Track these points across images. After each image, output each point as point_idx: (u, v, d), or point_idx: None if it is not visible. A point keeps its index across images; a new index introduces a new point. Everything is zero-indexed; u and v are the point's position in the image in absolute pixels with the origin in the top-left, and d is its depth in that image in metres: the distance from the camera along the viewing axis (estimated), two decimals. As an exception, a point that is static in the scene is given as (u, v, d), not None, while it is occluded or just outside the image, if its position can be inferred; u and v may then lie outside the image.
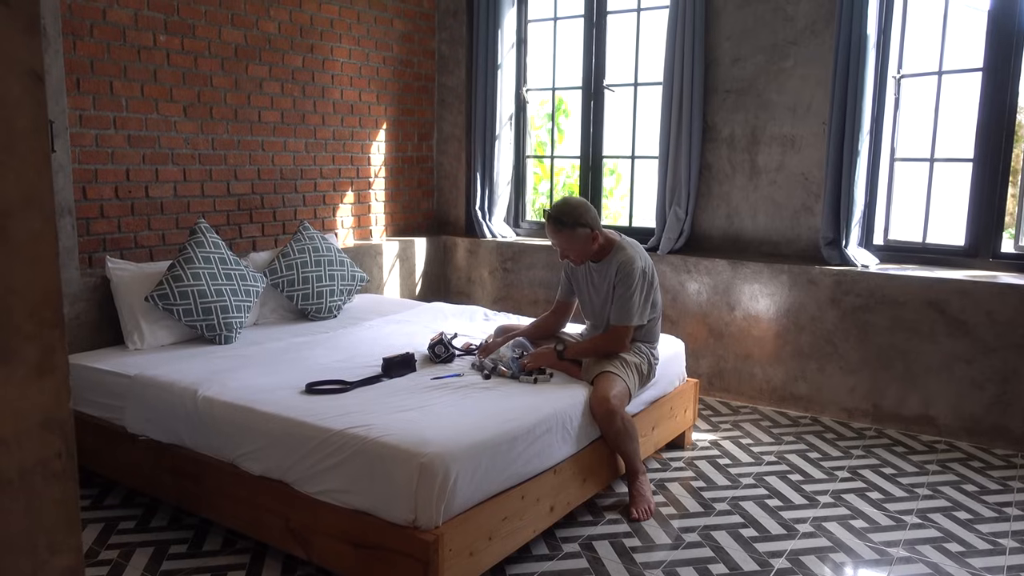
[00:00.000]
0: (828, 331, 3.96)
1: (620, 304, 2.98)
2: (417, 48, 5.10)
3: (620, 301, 2.98)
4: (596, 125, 4.84)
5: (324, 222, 4.58)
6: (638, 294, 2.98)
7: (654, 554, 2.66)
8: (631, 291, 2.96)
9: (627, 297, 2.97)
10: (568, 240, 2.95)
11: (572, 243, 2.96)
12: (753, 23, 4.18)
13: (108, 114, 3.48)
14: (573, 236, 2.94)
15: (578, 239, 2.94)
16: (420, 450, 2.20)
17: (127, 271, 3.40)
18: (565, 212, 2.94)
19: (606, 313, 3.08)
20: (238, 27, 3.97)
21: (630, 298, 2.96)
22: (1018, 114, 3.71)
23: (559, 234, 2.96)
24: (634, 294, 2.97)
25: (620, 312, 2.99)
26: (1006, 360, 3.55)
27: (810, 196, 4.15)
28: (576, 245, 2.96)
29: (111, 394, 2.96)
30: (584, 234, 2.94)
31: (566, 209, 2.95)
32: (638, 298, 2.98)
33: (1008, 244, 3.84)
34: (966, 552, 2.69)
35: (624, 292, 2.97)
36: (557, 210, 2.96)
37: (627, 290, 2.96)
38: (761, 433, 3.81)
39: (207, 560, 2.60)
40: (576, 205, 2.97)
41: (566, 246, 2.98)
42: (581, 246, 2.97)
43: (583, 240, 2.95)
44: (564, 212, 2.94)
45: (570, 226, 2.92)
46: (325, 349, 3.28)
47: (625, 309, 2.97)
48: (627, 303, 2.97)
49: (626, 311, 2.97)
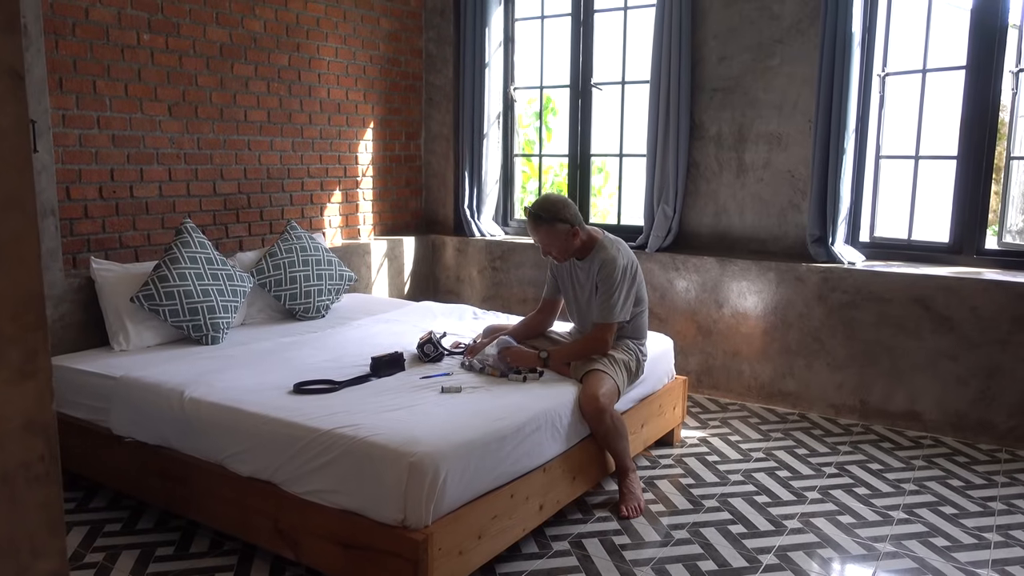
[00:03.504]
0: (815, 328, 3.98)
1: (602, 302, 2.99)
2: (404, 47, 5.08)
3: (602, 299, 2.99)
4: (584, 123, 4.85)
5: (312, 221, 4.56)
6: (619, 291, 2.98)
7: (644, 551, 2.67)
8: (612, 288, 2.97)
9: (608, 295, 2.97)
10: (548, 236, 2.97)
11: (552, 239, 2.97)
12: (739, 22, 4.20)
13: (92, 114, 3.45)
14: (552, 232, 2.95)
15: (558, 235, 2.95)
16: (409, 449, 2.20)
17: (112, 272, 3.37)
18: (544, 208, 2.95)
19: (590, 312, 3.09)
20: (223, 26, 3.94)
21: (611, 295, 2.97)
22: (1001, 112, 3.74)
23: (538, 230, 2.98)
24: (615, 292, 2.97)
25: (602, 310, 2.99)
26: (990, 356, 3.59)
27: (797, 194, 4.17)
28: (556, 241, 2.97)
29: (96, 396, 2.93)
30: (564, 230, 2.95)
31: (545, 205, 2.96)
32: (619, 296, 2.98)
33: (992, 241, 3.88)
34: (952, 546, 2.71)
35: (606, 290, 2.98)
36: (537, 206, 2.98)
37: (608, 288, 2.97)
38: (749, 430, 3.83)
39: (194, 562, 2.58)
40: (555, 201, 2.98)
41: (546, 242, 2.99)
42: (561, 242, 2.98)
43: (563, 236, 2.96)
44: (543, 208, 2.96)
45: (548, 221, 2.94)
46: (313, 349, 3.27)
47: (607, 307, 2.98)
48: (608, 301, 2.97)
49: (608, 308, 2.98)
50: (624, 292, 3.00)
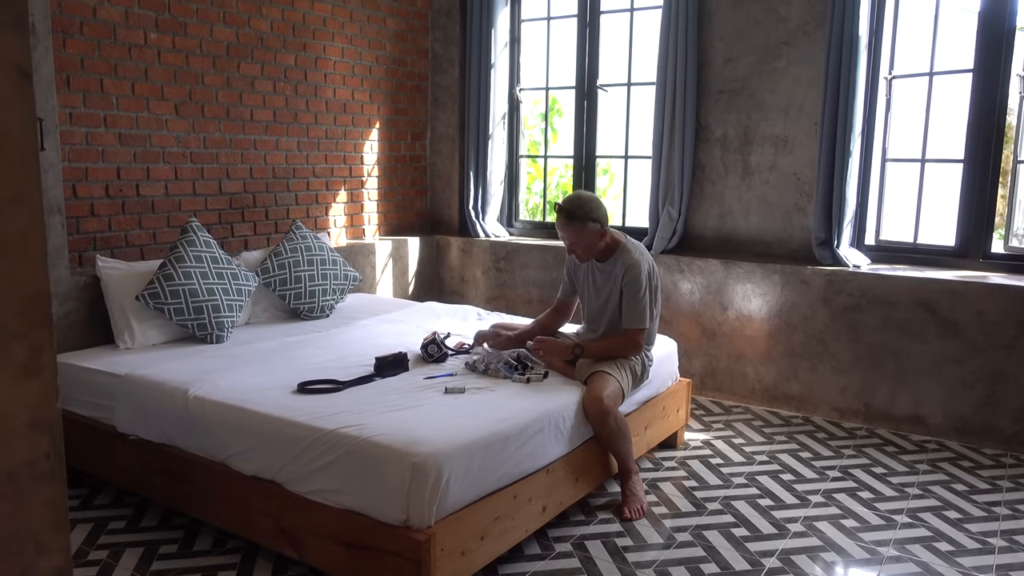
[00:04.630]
0: (820, 331, 3.97)
1: (631, 307, 2.98)
2: (410, 47, 5.09)
3: (631, 304, 2.98)
4: (589, 125, 4.84)
5: (317, 221, 4.57)
6: (646, 295, 2.98)
7: (646, 553, 2.66)
8: (640, 294, 2.96)
9: (637, 300, 2.96)
10: (577, 234, 2.93)
11: (581, 237, 2.94)
12: (745, 23, 4.19)
13: (99, 112, 3.46)
14: (583, 230, 2.92)
15: (588, 234, 2.93)
16: (412, 450, 2.20)
17: (118, 270, 3.38)
18: (577, 205, 2.92)
19: (605, 314, 3.08)
20: (230, 25, 3.95)
21: (640, 300, 2.96)
22: (1008, 115, 3.73)
23: (569, 227, 2.94)
24: (644, 296, 2.97)
25: (633, 315, 2.98)
26: (996, 360, 3.57)
27: (802, 196, 4.16)
28: (584, 240, 2.94)
29: (101, 393, 2.94)
30: (594, 229, 2.92)
31: (578, 203, 2.93)
32: (646, 299, 2.98)
33: (998, 244, 3.86)
34: (956, 551, 2.70)
35: (634, 295, 2.97)
36: (569, 203, 2.95)
37: (636, 293, 2.96)
38: (753, 433, 3.82)
39: (197, 560, 2.59)
40: (588, 199, 2.96)
41: (574, 239, 2.96)
42: (589, 241, 2.95)
43: (592, 235, 2.93)
44: (576, 205, 2.92)
45: (580, 219, 2.91)
46: (317, 348, 3.27)
47: (638, 312, 2.97)
48: (637, 306, 2.97)
49: (639, 314, 2.97)
50: (650, 296, 3.01)
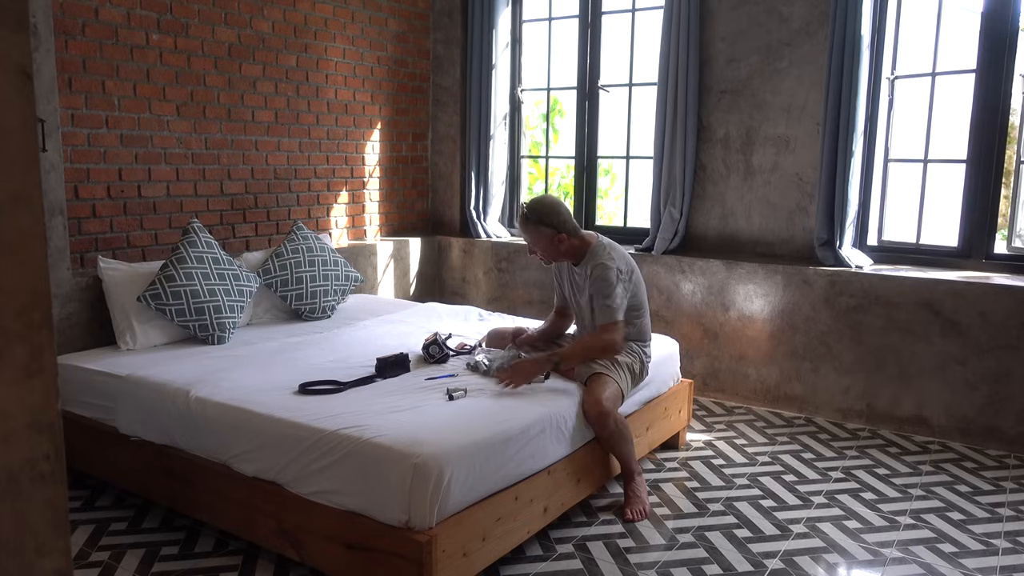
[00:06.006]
0: (822, 332, 3.97)
1: (601, 305, 2.98)
2: (412, 48, 5.09)
3: (598, 302, 2.98)
4: (591, 125, 4.84)
5: (318, 222, 4.57)
6: (614, 292, 2.94)
7: (648, 555, 2.66)
8: (607, 290, 2.93)
9: (604, 296, 2.95)
10: (531, 236, 2.99)
11: (535, 239, 2.99)
12: (747, 24, 4.18)
13: (100, 113, 3.46)
14: (536, 233, 2.96)
15: (540, 237, 2.97)
16: (414, 451, 2.19)
17: (119, 271, 3.38)
18: (533, 208, 2.97)
19: (590, 316, 3.08)
20: (232, 26, 3.96)
21: (609, 298, 2.94)
22: (1011, 115, 3.72)
23: (524, 228, 3.01)
24: (613, 294, 2.93)
25: (602, 311, 2.97)
26: (999, 361, 3.56)
27: (804, 197, 4.16)
28: (539, 243, 2.99)
29: (103, 395, 2.94)
30: (546, 233, 2.95)
31: (535, 205, 2.98)
32: (615, 295, 2.94)
33: (1001, 245, 3.85)
34: (959, 553, 2.69)
35: (600, 293, 2.95)
36: (528, 204, 3.00)
37: (603, 290, 2.94)
38: (755, 433, 3.81)
39: (199, 562, 2.59)
40: (546, 204, 2.98)
41: (532, 241, 3.02)
42: (544, 244, 2.99)
43: (545, 239, 2.97)
44: (532, 207, 2.98)
45: (533, 223, 2.96)
46: (319, 349, 3.27)
47: (606, 307, 2.95)
48: (605, 301, 2.95)
49: (607, 309, 2.95)
50: (624, 292, 2.98)
